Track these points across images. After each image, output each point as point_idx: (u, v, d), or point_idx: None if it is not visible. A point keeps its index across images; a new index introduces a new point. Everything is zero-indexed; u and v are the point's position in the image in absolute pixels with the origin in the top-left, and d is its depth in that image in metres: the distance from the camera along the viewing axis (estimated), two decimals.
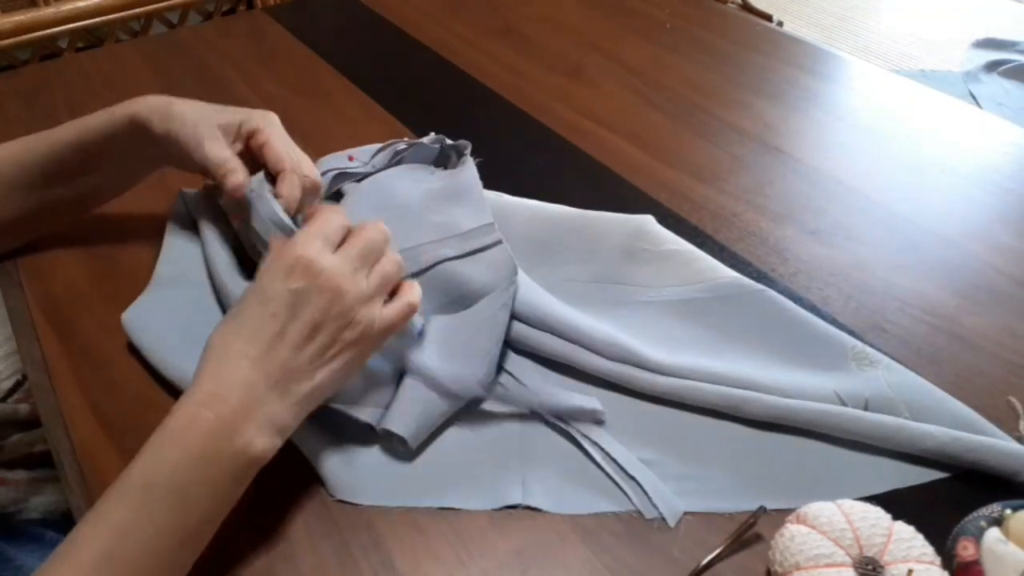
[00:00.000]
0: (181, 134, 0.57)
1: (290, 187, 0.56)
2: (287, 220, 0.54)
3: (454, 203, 0.60)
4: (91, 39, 1.38)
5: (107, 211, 0.67)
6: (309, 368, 0.44)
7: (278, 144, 0.58)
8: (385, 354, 0.52)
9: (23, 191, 0.60)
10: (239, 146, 0.59)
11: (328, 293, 0.44)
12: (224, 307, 0.58)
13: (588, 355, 0.53)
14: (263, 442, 0.42)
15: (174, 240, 0.64)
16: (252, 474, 0.43)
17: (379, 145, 0.69)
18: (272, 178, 0.57)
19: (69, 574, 0.37)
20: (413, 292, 0.50)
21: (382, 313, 0.47)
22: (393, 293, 0.49)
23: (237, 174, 0.56)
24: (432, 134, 0.67)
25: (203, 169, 0.57)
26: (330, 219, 0.47)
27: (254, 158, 0.58)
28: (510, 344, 0.55)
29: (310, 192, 0.59)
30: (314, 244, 0.45)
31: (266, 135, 0.58)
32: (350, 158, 0.67)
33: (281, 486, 0.48)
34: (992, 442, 0.47)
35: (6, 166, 0.60)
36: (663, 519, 0.46)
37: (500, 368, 0.54)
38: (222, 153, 0.57)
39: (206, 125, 0.57)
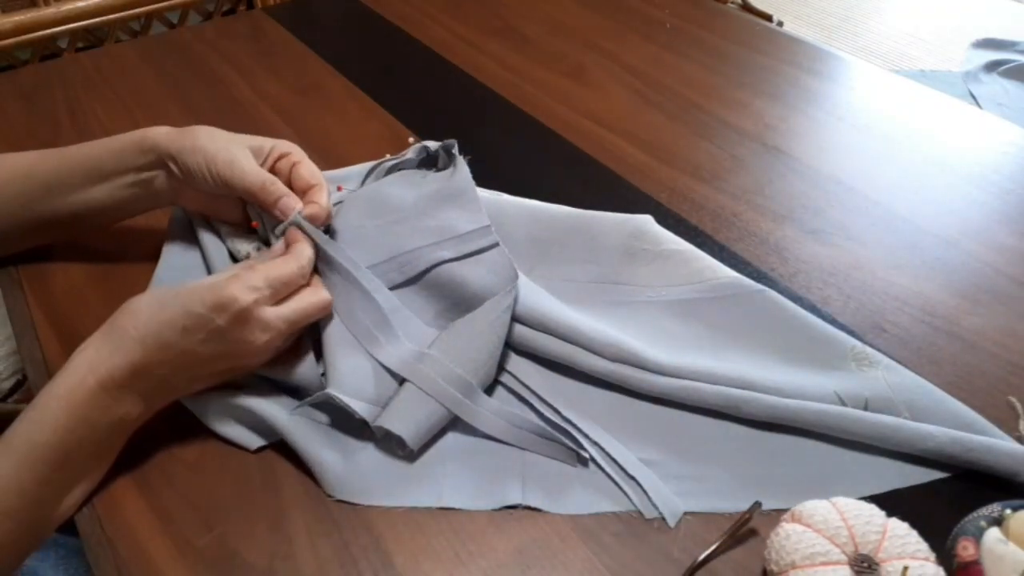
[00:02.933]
0: (212, 150, 0.56)
1: (322, 198, 0.56)
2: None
3: (449, 205, 0.60)
4: (91, 39, 1.38)
5: None
6: (188, 381, 0.49)
7: (309, 167, 0.59)
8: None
9: (23, 202, 0.60)
10: (268, 166, 0.59)
11: (242, 345, 0.48)
12: None
13: (588, 356, 0.53)
14: (140, 410, 0.47)
15: (174, 244, 0.64)
16: (127, 435, 0.48)
17: (368, 165, 0.69)
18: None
19: None
20: (318, 293, 0.52)
21: (278, 311, 0.50)
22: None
23: (290, 197, 0.56)
24: (418, 144, 0.67)
25: (231, 190, 0.56)
26: (288, 270, 0.50)
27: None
28: (510, 346, 0.55)
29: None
30: (258, 293, 0.48)
31: (298, 157, 0.59)
32: (339, 188, 0.66)
33: (281, 486, 0.48)
34: (992, 442, 0.47)
35: (16, 176, 0.59)
36: (663, 519, 0.46)
37: (501, 368, 0.54)
38: (262, 173, 0.56)
39: (238, 146, 0.57)
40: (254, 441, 0.50)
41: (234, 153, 0.56)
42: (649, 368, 0.52)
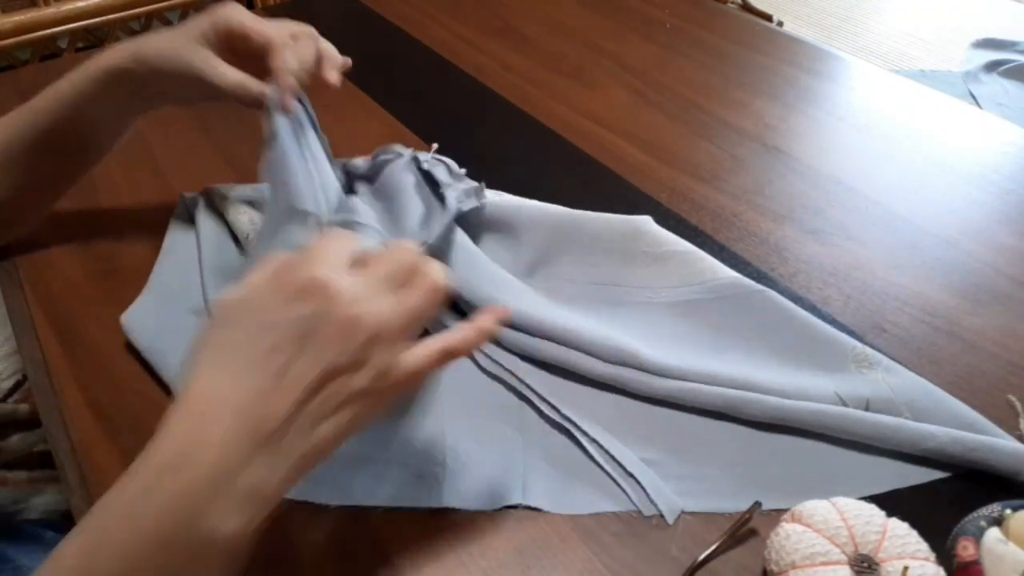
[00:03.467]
0: (169, 68, 0.54)
1: (282, 60, 0.52)
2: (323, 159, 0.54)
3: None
4: (91, 39, 1.37)
5: (107, 211, 0.67)
6: (311, 421, 0.34)
7: (255, 24, 0.54)
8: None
9: (10, 169, 0.59)
10: (222, 49, 0.56)
11: (347, 327, 0.34)
12: None
13: (588, 359, 0.53)
14: (237, 522, 0.32)
15: (174, 242, 0.64)
16: (223, 557, 0.33)
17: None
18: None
19: None
20: (451, 337, 0.39)
21: (405, 357, 0.37)
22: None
23: (271, 94, 0.53)
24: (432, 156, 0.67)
25: (211, 95, 0.55)
26: (338, 240, 0.38)
27: (236, 53, 0.55)
28: (510, 348, 0.55)
29: (340, 64, 0.59)
30: (327, 262, 0.36)
31: (241, 26, 0.54)
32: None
33: None
34: (993, 441, 0.47)
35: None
36: (662, 517, 0.46)
37: (500, 367, 0.54)
38: (231, 75, 0.54)
39: (188, 50, 0.54)
40: None
41: (188, 60, 0.54)
42: (649, 370, 0.52)
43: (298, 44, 0.55)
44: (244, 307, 0.36)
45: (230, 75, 0.54)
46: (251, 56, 0.55)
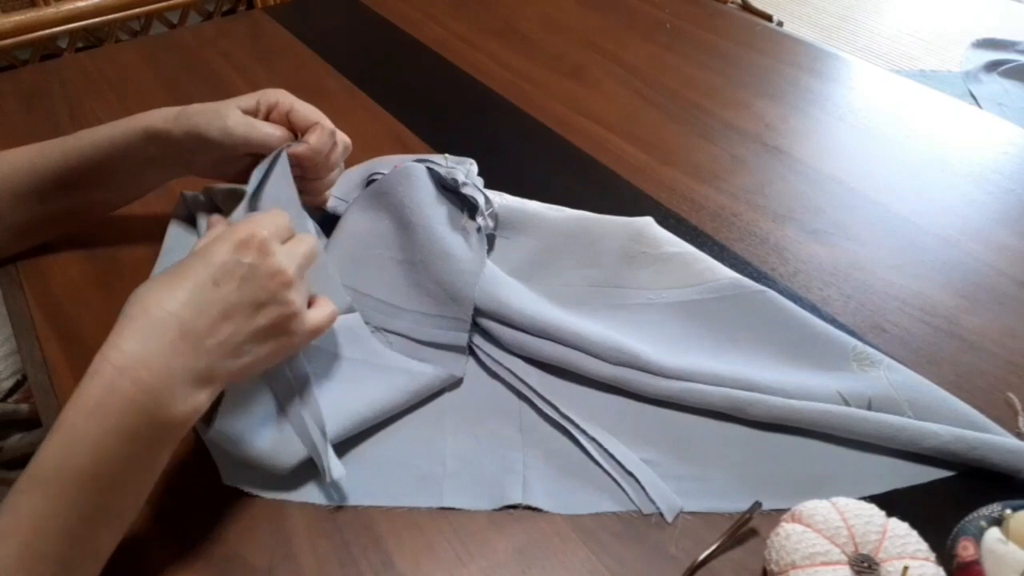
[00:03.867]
0: (205, 123, 0.57)
1: (318, 137, 0.57)
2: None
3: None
4: (91, 39, 1.38)
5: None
6: (239, 343, 0.42)
7: (304, 107, 0.59)
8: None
9: (35, 197, 0.60)
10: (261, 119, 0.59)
11: (277, 276, 0.44)
12: None
13: (590, 360, 0.53)
14: (189, 407, 0.40)
15: (174, 241, 0.64)
16: (178, 437, 0.41)
17: (368, 167, 0.69)
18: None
19: None
20: (331, 304, 0.49)
21: (311, 314, 0.47)
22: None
23: (274, 129, 0.57)
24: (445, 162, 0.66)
25: (236, 149, 0.57)
26: (277, 215, 0.47)
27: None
28: (510, 349, 0.55)
29: (343, 149, 0.61)
30: (269, 229, 0.45)
31: (289, 103, 0.59)
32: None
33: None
34: (995, 439, 0.47)
35: (20, 172, 0.59)
36: (661, 515, 0.46)
37: (500, 365, 0.54)
38: (260, 125, 0.57)
39: (227, 109, 0.58)
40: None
41: (223, 115, 0.57)
42: (651, 371, 0.52)
43: (320, 132, 0.59)
44: (196, 252, 0.44)
45: (260, 126, 0.58)
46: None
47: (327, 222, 0.65)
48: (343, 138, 0.61)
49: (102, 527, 0.38)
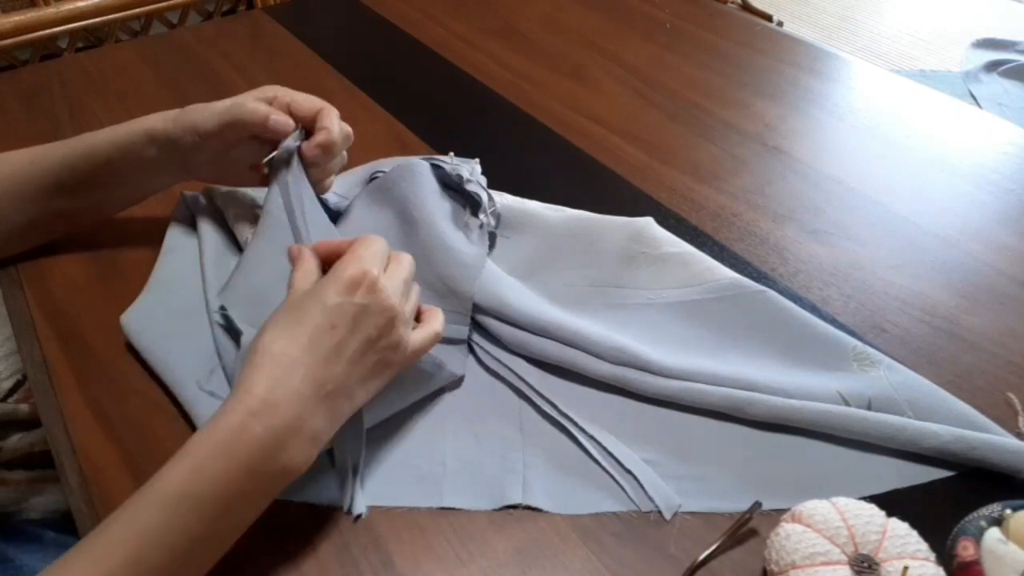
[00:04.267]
0: (206, 114, 0.57)
1: (331, 121, 0.57)
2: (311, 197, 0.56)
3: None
4: (91, 39, 1.38)
5: None
6: (354, 384, 0.44)
7: (304, 97, 0.59)
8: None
9: (35, 198, 0.60)
10: None
11: (388, 313, 0.45)
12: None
13: (590, 360, 0.53)
14: (305, 456, 0.42)
15: (174, 241, 0.64)
16: (286, 484, 0.43)
17: (369, 168, 0.69)
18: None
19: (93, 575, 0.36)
20: (438, 321, 0.50)
21: (413, 337, 0.47)
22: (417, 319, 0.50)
23: (278, 114, 0.57)
24: (452, 162, 0.66)
25: (238, 131, 0.57)
26: (377, 242, 0.47)
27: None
28: (510, 349, 0.55)
29: (345, 137, 0.60)
30: (376, 264, 0.46)
31: (289, 95, 0.59)
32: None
33: None
34: (995, 439, 0.47)
35: (21, 172, 0.59)
36: (660, 513, 0.46)
37: (500, 364, 0.54)
38: (263, 108, 0.57)
39: (225, 101, 0.58)
40: None
41: (225, 105, 0.58)
42: (651, 370, 0.52)
43: (330, 115, 0.59)
44: (311, 294, 0.45)
45: (262, 108, 0.58)
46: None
47: (331, 218, 0.65)
48: (345, 127, 0.60)
49: (208, 549, 0.40)
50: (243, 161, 0.60)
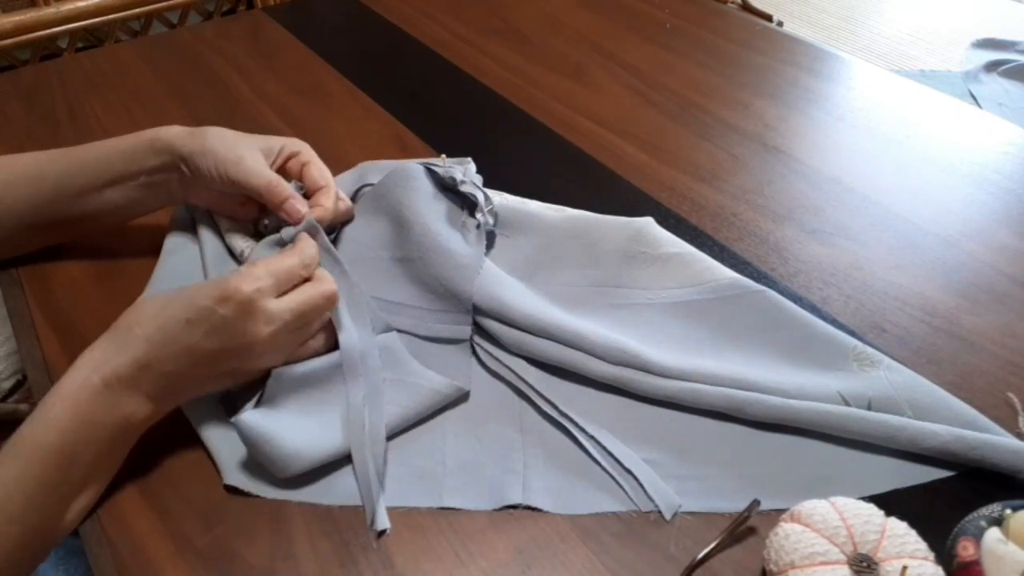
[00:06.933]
0: (222, 152, 0.57)
1: (329, 200, 0.58)
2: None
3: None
4: (91, 39, 1.38)
5: None
6: (196, 380, 0.48)
7: (319, 167, 0.60)
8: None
9: (34, 203, 0.60)
10: (276, 166, 0.60)
11: (246, 338, 0.47)
12: None
13: (590, 360, 0.53)
14: (140, 411, 0.46)
15: (174, 243, 0.64)
16: (134, 438, 0.47)
17: (366, 168, 0.69)
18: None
19: None
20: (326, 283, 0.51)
21: (275, 305, 0.48)
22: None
23: (296, 200, 0.57)
24: (445, 165, 0.66)
25: (238, 188, 0.58)
26: (289, 262, 0.50)
27: (287, 178, 0.60)
28: (510, 349, 0.55)
29: (344, 214, 0.62)
30: (260, 283, 0.47)
31: (307, 157, 0.60)
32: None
33: None
34: (995, 439, 0.47)
35: (23, 176, 0.59)
36: (660, 513, 0.46)
37: (499, 363, 0.54)
38: (268, 174, 0.58)
39: (247, 147, 0.58)
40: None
41: (241, 154, 0.58)
42: (651, 371, 0.52)
43: (328, 194, 0.60)
44: (191, 286, 0.48)
45: (268, 172, 0.58)
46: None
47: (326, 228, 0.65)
48: (344, 204, 0.62)
49: (63, 500, 0.44)
50: (238, 203, 0.61)
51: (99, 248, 0.65)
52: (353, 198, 0.66)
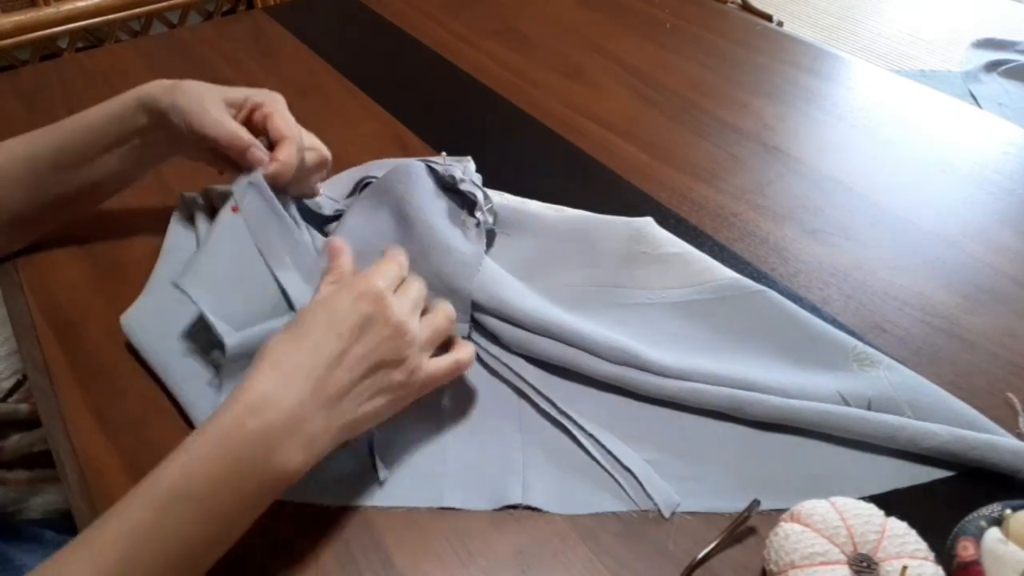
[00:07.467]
0: (186, 105, 0.57)
1: (287, 154, 0.57)
2: (288, 215, 0.56)
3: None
4: (91, 39, 1.38)
5: (107, 211, 0.67)
6: (357, 396, 0.44)
7: (282, 118, 0.59)
8: None
9: (33, 183, 0.60)
10: (241, 118, 0.59)
11: (393, 327, 0.45)
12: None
13: (590, 359, 0.53)
14: (300, 460, 0.41)
15: (174, 242, 0.64)
16: (282, 489, 0.42)
17: (365, 169, 0.69)
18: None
19: (87, 574, 0.36)
20: (465, 351, 0.50)
21: (428, 364, 0.48)
22: (446, 347, 0.50)
23: (256, 148, 0.57)
24: (445, 163, 0.66)
25: (206, 142, 0.57)
26: (391, 264, 0.49)
27: (255, 131, 0.59)
28: (509, 347, 0.55)
29: (319, 165, 0.61)
30: (383, 279, 0.46)
31: (271, 108, 0.59)
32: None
33: None
34: (994, 439, 0.47)
35: (18, 159, 0.59)
36: (659, 511, 0.46)
37: (499, 362, 0.54)
38: (229, 125, 0.57)
39: (211, 99, 0.58)
40: None
41: (205, 107, 0.57)
42: (651, 370, 0.52)
43: (306, 153, 0.60)
44: (318, 303, 0.46)
45: (229, 123, 0.58)
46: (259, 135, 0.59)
47: (329, 222, 0.65)
48: (322, 151, 0.61)
49: (201, 551, 0.40)
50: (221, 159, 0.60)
51: (99, 248, 0.65)
52: (356, 191, 0.66)
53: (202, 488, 0.38)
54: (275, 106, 0.59)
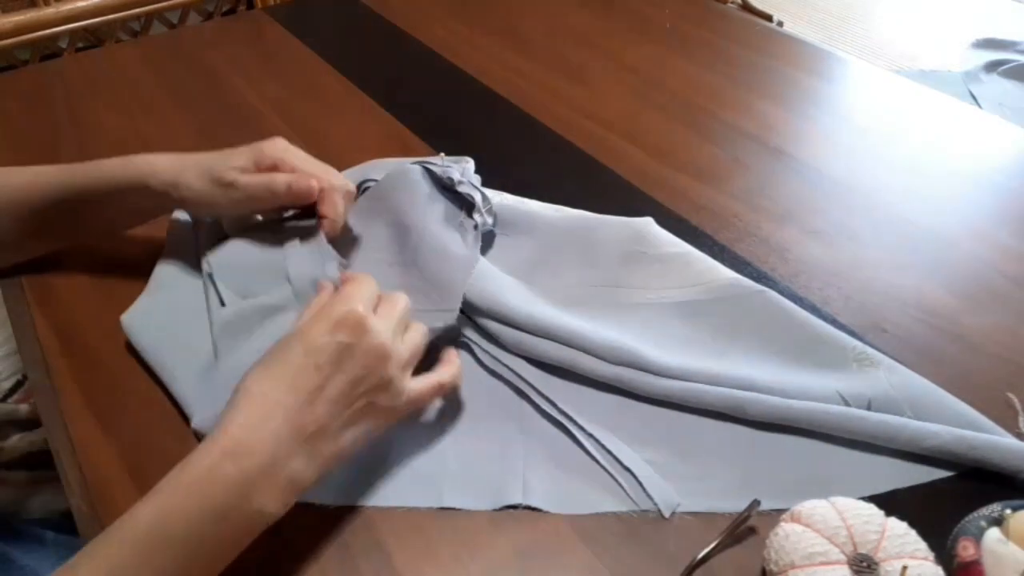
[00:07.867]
0: (206, 196, 0.56)
1: (332, 206, 0.57)
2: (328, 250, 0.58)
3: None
4: (91, 39, 1.38)
5: None
6: (339, 427, 0.43)
7: (305, 165, 0.58)
8: None
9: (32, 215, 0.59)
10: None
11: (373, 353, 0.44)
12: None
13: (590, 360, 0.53)
14: (279, 503, 0.41)
15: (174, 243, 0.64)
16: (261, 530, 0.41)
17: (365, 168, 0.69)
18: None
19: None
20: (448, 371, 0.50)
21: (411, 385, 0.47)
22: (424, 366, 0.49)
23: (308, 182, 0.57)
24: (442, 163, 0.66)
25: (249, 208, 0.59)
26: (366, 283, 0.47)
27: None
28: (509, 347, 0.55)
29: (347, 201, 0.60)
30: (362, 302, 0.45)
31: (288, 161, 0.58)
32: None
33: None
34: (995, 439, 0.47)
35: (24, 188, 0.59)
36: (659, 511, 0.46)
37: (498, 362, 0.54)
38: (258, 178, 0.56)
39: (224, 169, 0.56)
40: None
41: (229, 180, 0.56)
42: (652, 371, 0.52)
43: (330, 199, 0.59)
44: (295, 335, 0.44)
45: (254, 180, 0.57)
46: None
47: None
48: (345, 186, 0.60)
49: None
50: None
51: (99, 250, 0.65)
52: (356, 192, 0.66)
53: (179, 530, 0.38)
54: (288, 155, 0.58)
